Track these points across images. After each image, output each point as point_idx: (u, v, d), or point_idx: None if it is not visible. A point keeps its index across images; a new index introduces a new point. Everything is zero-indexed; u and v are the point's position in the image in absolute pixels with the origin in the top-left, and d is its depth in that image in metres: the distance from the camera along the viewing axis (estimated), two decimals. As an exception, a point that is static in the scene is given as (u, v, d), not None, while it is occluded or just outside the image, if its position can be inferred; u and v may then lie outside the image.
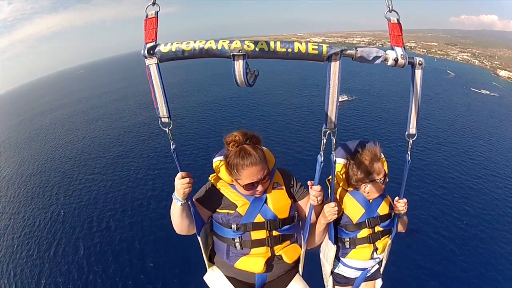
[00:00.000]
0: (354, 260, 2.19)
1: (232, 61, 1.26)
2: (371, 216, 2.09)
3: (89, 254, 24.54)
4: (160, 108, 1.45)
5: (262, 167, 1.75)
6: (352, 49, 1.35)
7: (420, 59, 1.49)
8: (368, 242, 2.11)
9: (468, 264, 21.06)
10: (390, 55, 1.39)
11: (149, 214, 28.31)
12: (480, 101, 66.63)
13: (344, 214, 2.10)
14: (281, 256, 1.91)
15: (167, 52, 1.33)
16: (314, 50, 1.30)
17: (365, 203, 2.09)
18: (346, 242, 2.14)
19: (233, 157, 1.73)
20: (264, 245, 1.85)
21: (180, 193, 1.65)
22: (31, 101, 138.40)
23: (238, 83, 1.29)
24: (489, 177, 33.25)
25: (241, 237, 1.83)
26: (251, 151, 1.72)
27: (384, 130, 44.35)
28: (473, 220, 25.64)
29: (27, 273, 23.54)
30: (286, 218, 1.90)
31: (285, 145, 38.43)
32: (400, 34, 1.41)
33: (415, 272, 20.11)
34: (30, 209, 33.01)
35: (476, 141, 43.26)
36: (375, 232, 2.10)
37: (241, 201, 1.84)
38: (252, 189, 1.79)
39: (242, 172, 1.73)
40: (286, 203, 1.91)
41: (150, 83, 1.40)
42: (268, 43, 1.29)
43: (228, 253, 1.89)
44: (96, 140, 50.98)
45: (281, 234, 1.90)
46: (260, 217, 1.83)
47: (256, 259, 1.85)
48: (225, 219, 1.84)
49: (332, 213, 1.88)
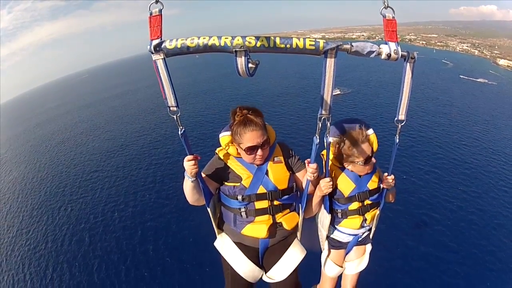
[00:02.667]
0: (346, 228, 2.40)
1: (234, 56, 1.35)
2: (361, 191, 2.26)
3: (94, 243, 25.70)
4: (169, 98, 1.56)
5: (262, 133, 1.95)
6: (347, 44, 1.44)
7: (413, 53, 1.57)
8: (358, 214, 2.30)
9: (457, 244, 21.51)
10: (383, 50, 1.48)
11: (150, 204, 29.49)
12: (478, 90, 66.06)
13: (337, 188, 2.26)
14: (282, 223, 2.10)
15: (172, 48, 1.41)
16: (311, 45, 1.40)
17: (356, 178, 2.24)
18: (339, 213, 2.34)
19: (237, 124, 1.95)
20: (267, 213, 2.04)
21: (188, 172, 1.84)
22: (35, 107, 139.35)
23: (240, 74, 1.39)
24: (481, 159, 34.00)
25: (246, 207, 2.02)
26: (253, 118, 1.94)
27: (380, 121, 44.62)
28: (465, 203, 26.27)
29: (36, 264, 24.61)
30: (285, 189, 2.08)
31: (286, 128, 40.13)
32: (394, 30, 1.48)
33: (402, 240, 21.25)
34: (37, 207, 34.18)
35: (469, 127, 43.51)
36: (364, 205, 2.28)
37: (245, 174, 2.02)
38: (253, 153, 1.96)
39: (244, 136, 1.92)
40: (285, 175, 2.09)
41: (158, 77, 1.48)
42: (268, 39, 1.38)
43: (235, 221, 2.08)
44: (103, 143, 51.40)
45: (281, 203, 2.08)
46: (262, 188, 2.02)
47: (260, 226, 2.04)
48: (232, 191, 2.04)
49: (327, 187, 2.06)
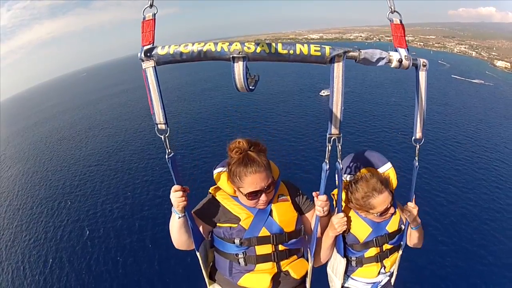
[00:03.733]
0: (361, 278, 2.10)
1: (231, 63, 1.21)
2: (379, 235, 1.96)
3: (92, 234, 26.75)
4: (157, 113, 1.39)
5: (266, 174, 1.65)
6: (355, 51, 1.32)
7: (424, 60, 1.46)
8: (375, 261, 2.01)
9: (446, 238, 21.81)
10: (394, 57, 1.37)
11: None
12: (474, 90, 67.24)
13: (350, 233, 1.97)
14: (288, 271, 1.81)
15: (164, 54, 1.30)
16: (317, 51, 1.26)
17: (372, 221, 1.95)
18: (353, 261, 2.03)
19: (236, 164, 1.63)
20: (270, 260, 1.75)
21: (175, 206, 1.59)
22: (33, 106, 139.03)
23: (238, 88, 1.23)
24: (474, 156, 35.02)
25: (245, 252, 1.73)
26: (255, 157, 1.63)
27: (377, 124, 44.79)
28: (457, 198, 27.02)
29: (35, 255, 25.60)
30: (292, 232, 1.79)
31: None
32: (403, 35, 1.39)
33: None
34: (37, 201, 35.13)
35: (462, 125, 44.60)
36: (383, 250, 1.99)
37: (245, 214, 1.73)
38: (255, 199, 1.68)
39: (245, 179, 1.62)
40: (292, 216, 1.80)
41: (147, 87, 1.36)
42: (269, 45, 1.24)
43: (231, 270, 1.78)
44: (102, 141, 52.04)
45: (288, 249, 1.80)
46: (265, 231, 1.73)
47: (262, 275, 1.75)
48: (228, 233, 1.74)
49: (342, 224, 1.79)
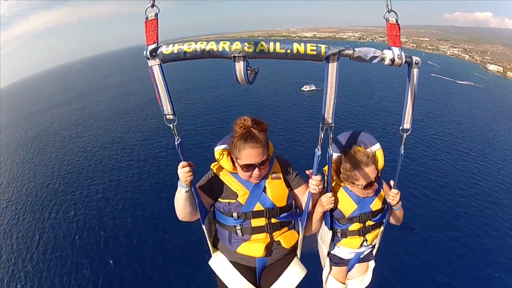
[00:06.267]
0: (345, 247, 2.31)
1: (233, 62, 1.29)
2: (363, 212, 2.14)
3: (78, 214, 27.45)
4: (165, 105, 1.49)
5: (262, 151, 1.82)
6: (350, 49, 1.37)
7: (417, 58, 1.51)
8: (358, 235, 2.19)
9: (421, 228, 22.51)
10: (387, 55, 1.41)
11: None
12: (460, 90, 69.19)
13: (337, 208, 2.14)
14: (280, 241, 2.00)
15: (169, 53, 1.36)
16: (313, 50, 1.33)
17: (358, 198, 2.12)
18: (338, 233, 2.23)
19: (238, 137, 1.82)
20: (264, 231, 1.95)
21: (183, 181, 1.72)
22: (32, 94, 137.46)
23: (239, 82, 1.32)
24: (455, 153, 36.11)
25: (242, 224, 1.92)
26: (256, 134, 1.81)
27: (360, 117, 45.78)
28: (434, 192, 27.95)
29: (25, 235, 26.45)
30: (284, 206, 1.98)
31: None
32: (398, 34, 1.42)
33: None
34: (28, 184, 35.71)
35: (447, 124, 45.99)
36: (365, 226, 2.17)
37: (242, 190, 1.92)
38: (249, 171, 1.85)
39: (243, 152, 1.80)
40: (284, 192, 1.98)
41: (154, 83, 1.43)
42: (267, 45, 1.31)
43: (230, 239, 1.98)
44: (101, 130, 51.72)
45: (279, 221, 1.98)
46: (259, 206, 1.91)
47: (257, 244, 1.94)
48: (227, 208, 1.93)
49: (329, 202, 1.96)
